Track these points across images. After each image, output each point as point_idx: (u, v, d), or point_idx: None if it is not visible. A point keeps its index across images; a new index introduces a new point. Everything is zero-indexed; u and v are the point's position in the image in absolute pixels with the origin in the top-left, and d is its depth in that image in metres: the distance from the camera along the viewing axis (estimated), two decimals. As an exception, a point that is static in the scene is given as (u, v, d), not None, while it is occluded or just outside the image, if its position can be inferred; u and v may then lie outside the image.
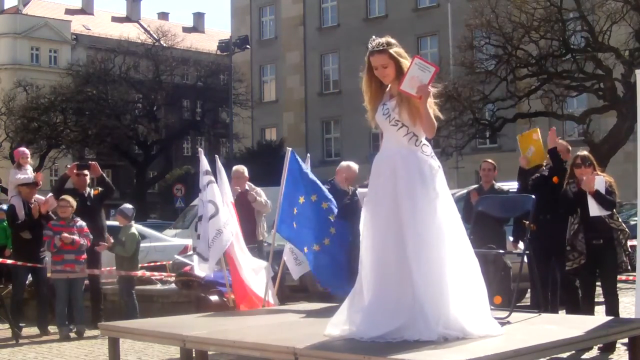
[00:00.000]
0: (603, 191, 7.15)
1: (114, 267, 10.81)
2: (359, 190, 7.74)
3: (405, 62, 5.01)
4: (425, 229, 4.91)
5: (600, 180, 7.19)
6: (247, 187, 10.04)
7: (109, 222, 12.01)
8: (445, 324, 4.79)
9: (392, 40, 5.09)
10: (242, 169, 10.22)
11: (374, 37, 5.09)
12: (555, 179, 7.93)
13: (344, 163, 9.06)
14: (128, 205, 10.44)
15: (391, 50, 5.02)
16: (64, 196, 9.75)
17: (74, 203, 9.65)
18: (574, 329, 5.45)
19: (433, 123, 4.99)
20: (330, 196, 7.92)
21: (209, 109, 44.96)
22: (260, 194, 10.03)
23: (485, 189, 9.44)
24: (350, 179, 8.57)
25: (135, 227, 10.42)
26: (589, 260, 7.25)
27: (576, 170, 7.38)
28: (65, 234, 9.32)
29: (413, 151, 5.04)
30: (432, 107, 5.02)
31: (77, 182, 10.46)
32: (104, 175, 10.72)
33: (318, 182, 7.96)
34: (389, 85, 5.12)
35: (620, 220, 7.41)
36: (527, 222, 7.53)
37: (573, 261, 7.33)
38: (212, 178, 8.04)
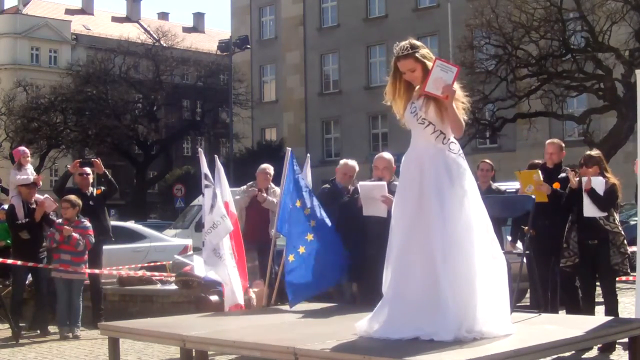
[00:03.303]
0: (601, 192, 7.15)
1: (114, 267, 10.81)
2: (360, 184, 7.69)
3: (429, 63, 5.00)
4: (454, 227, 4.90)
5: (598, 181, 7.19)
6: (268, 187, 10.00)
7: (113, 223, 12.02)
8: (468, 328, 4.79)
9: (417, 43, 5.11)
10: (267, 167, 10.17)
11: (397, 42, 5.09)
12: (556, 184, 7.90)
13: (342, 161, 9.04)
14: None
15: (417, 55, 5.04)
16: (67, 196, 9.71)
17: (79, 202, 9.60)
18: (574, 329, 5.45)
19: (461, 122, 5.04)
20: (315, 202, 7.77)
21: (209, 109, 44.96)
22: (276, 194, 9.92)
23: (482, 189, 9.42)
24: (349, 174, 8.52)
25: None
26: (582, 259, 7.26)
27: (579, 170, 7.41)
28: (68, 227, 9.27)
29: (440, 149, 5.06)
30: (459, 108, 5.04)
31: (81, 182, 10.45)
32: (107, 172, 10.71)
33: (304, 187, 7.84)
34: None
35: (617, 222, 7.37)
36: (526, 227, 7.52)
37: (567, 259, 7.35)
38: (208, 182, 7.98)
